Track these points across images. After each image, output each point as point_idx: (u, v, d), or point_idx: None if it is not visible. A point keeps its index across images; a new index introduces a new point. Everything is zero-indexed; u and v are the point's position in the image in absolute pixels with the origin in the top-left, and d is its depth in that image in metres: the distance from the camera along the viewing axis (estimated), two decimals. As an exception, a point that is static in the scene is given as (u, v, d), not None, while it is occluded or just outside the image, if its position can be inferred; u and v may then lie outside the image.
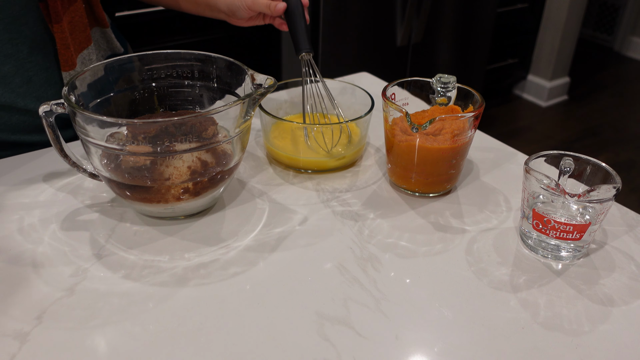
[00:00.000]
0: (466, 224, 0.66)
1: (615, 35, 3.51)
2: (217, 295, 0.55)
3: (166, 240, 0.62)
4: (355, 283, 0.57)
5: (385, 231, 0.65)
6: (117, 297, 0.55)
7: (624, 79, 3.24)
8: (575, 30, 2.70)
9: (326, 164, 0.75)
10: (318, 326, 0.52)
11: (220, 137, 0.62)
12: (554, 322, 0.53)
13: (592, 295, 0.57)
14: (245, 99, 0.59)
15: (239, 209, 0.68)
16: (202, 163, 0.62)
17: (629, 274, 0.59)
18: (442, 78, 0.71)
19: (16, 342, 0.50)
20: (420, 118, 0.69)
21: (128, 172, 0.61)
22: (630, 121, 2.76)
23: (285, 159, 0.75)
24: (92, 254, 0.60)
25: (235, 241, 0.63)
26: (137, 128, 0.59)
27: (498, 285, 0.57)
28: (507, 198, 0.71)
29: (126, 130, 0.61)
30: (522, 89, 2.92)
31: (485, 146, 0.83)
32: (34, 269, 0.58)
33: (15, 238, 0.62)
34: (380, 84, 1.02)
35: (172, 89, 0.71)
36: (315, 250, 0.62)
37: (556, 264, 0.60)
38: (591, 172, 0.62)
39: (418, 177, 0.69)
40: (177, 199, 0.62)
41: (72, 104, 0.58)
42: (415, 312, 0.54)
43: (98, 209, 0.67)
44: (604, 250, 0.63)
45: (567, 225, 0.58)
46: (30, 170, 0.74)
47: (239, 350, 0.50)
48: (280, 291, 0.56)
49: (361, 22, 1.90)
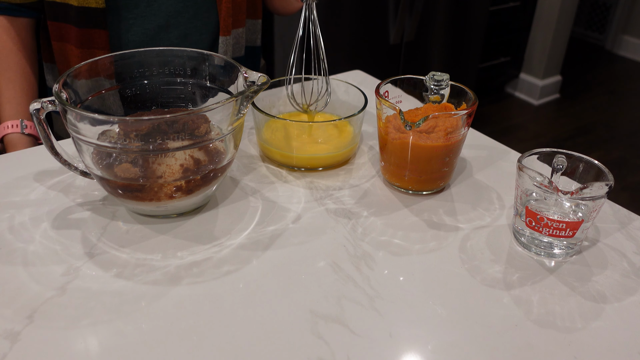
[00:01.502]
0: (459, 221, 0.67)
1: (607, 34, 3.53)
2: (210, 293, 0.55)
3: (158, 238, 0.62)
4: (349, 281, 0.57)
5: (378, 229, 0.65)
6: (109, 296, 0.54)
7: (616, 77, 3.26)
8: (567, 29, 2.71)
9: (319, 162, 0.75)
10: (312, 324, 0.52)
11: (213, 135, 0.61)
12: (546, 319, 0.53)
13: (584, 293, 0.57)
14: (238, 96, 0.59)
15: (232, 207, 0.68)
16: (195, 161, 0.61)
17: (621, 271, 0.60)
18: (435, 76, 0.71)
19: (7, 342, 0.49)
20: (413, 116, 0.69)
21: (120, 170, 0.61)
22: (621, 119, 2.78)
23: (279, 156, 0.75)
24: (84, 252, 0.60)
25: (228, 239, 0.62)
26: (129, 126, 0.58)
27: (491, 283, 0.58)
28: (500, 196, 0.71)
29: (118, 128, 0.61)
30: (514, 87, 2.93)
31: (478, 144, 0.83)
32: (25, 268, 0.57)
33: (6, 237, 0.61)
34: (373, 82, 1.02)
35: (164, 86, 0.71)
36: (308, 249, 0.61)
37: (549, 261, 0.61)
38: (584, 170, 0.62)
39: (411, 174, 0.69)
40: (169, 197, 0.61)
41: (63, 101, 0.57)
42: (409, 310, 0.54)
43: (89, 207, 0.67)
44: (596, 248, 0.63)
45: (560, 222, 0.58)
46: (21, 169, 0.73)
47: (232, 348, 0.50)
48: (274, 289, 0.56)
49: (354, 20, 1.90)
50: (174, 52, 0.69)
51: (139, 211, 0.65)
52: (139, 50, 0.68)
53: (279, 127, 0.77)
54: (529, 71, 2.84)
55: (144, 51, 0.68)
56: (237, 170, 0.75)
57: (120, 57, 0.68)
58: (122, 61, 0.68)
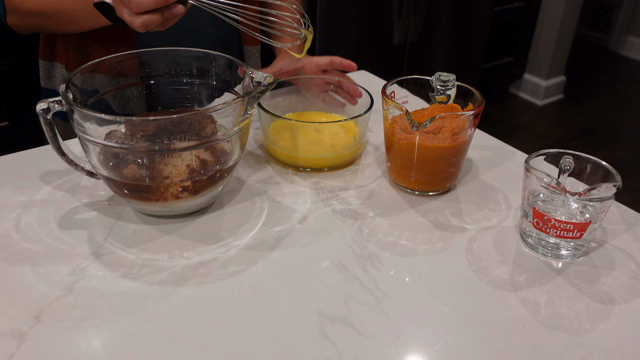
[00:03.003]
0: (466, 222, 0.66)
1: (611, 34, 3.52)
2: (217, 294, 0.55)
3: (165, 239, 0.62)
4: (356, 282, 0.57)
5: (385, 230, 0.65)
6: (116, 296, 0.54)
7: (620, 77, 3.25)
8: (571, 29, 2.71)
9: (325, 162, 0.75)
10: (319, 325, 0.52)
11: (219, 135, 0.61)
12: (554, 321, 0.53)
13: (592, 294, 0.56)
14: (244, 96, 0.59)
15: (238, 208, 0.67)
16: (201, 161, 0.61)
17: (629, 273, 0.59)
18: (441, 76, 0.70)
19: (14, 342, 0.49)
20: (420, 116, 0.69)
21: (126, 171, 0.60)
22: (625, 120, 2.77)
23: (284, 157, 0.75)
24: (90, 252, 0.59)
25: (235, 240, 0.62)
26: (136, 126, 0.58)
27: (498, 284, 0.57)
28: (506, 196, 0.71)
29: (124, 128, 0.61)
30: (518, 87, 2.93)
31: (484, 145, 0.83)
32: (32, 268, 0.57)
33: (13, 237, 0.61)
34: (378, 82, 1.02)
35: (170, 86, 0.71)
36: (315, 249, 0.61)
37: (556, 263, 0.60)
38: (591, 171, 0.61)
39: (418, 175, 0.69)
40: (175, 197, 0.61)
41: (70, 101, 0.57)
42: (416, 311, 0.54)
43: (96, 207, 0.66)
44: (603, 249, 0.63)
45: (568, 223, 0.58)
46: (27, 169, 0.73)
47: (238, 349, 0.49)
48: (280, 290, 0.56)
49: (358, 20, 1.90)
50: (180, 52, 0.69)
51: (146, 211, 0.65)
52: (145, 51, 0.68)
53: (285, 127, 0.76)
54: (533, 71, 2.83)
55: (151, 51, 0.68)
56: (243, 171, 0.75)
57: (127, 58, 0.68)
58: (129, 61, 0.68)
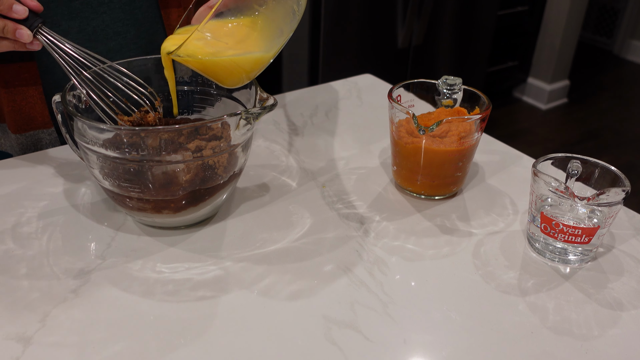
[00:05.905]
0: (473, 226, 0.66)
1: (615, 39, 3.51)
2: (222, 300, 0.55)
3: (168, 250, 0.61)
4: (362, 286, 0.57)
5: (391, 234, 0.64)
6: (117, 308, 0.54)
7: (624, 81, 3.25)
8: (575, 33, 2.70)
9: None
10: (325, 330, 0.51)
11: (222, 146, 0.60)
12: (563, 327, 0.53)
13: (601, 300, 0.56)
14: (249, 116, 0.57)
15: (242, 217, 0.67)
16: (203, 171, 0.60)
17: (638, 278, 0.59)
18: (448, 80, 0.70)
19: (19, 345, 0.49)
20: (426, 120, 0.69)
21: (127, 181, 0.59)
22: (629, 124, 2.76)
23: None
24: (94, 257, 0.59)
25: (239, 248, 0.62)
26: (136, 135, 0.57)
27: (506, 289, 0.57)
28: (513, 201, 0.71)
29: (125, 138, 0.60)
30: (522, 91, 2.92)
31: (490, 149, 0.83)
32: (35, 274, 0.57)
33: (16, 243, 0.61)
34: (383, 86, 1.01)
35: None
36: (321, 253, 0.61)
37: (564, 268, 0.60)
38: (599, 175, 0.61)
39: (424, 179, 0.69)
40: (177, 209, 0.61)
41: (70, 110, 0.57)
42: (423, 316, 0.54)
43: (98, 216, 0.66)
44: (611, 254, 0.62)
45: (576, 228, 0.57)
46: (29, 177, 0.73)
47: (245, 355, 0.49)
48: (286, 295, 0.55)
49: (362, 24, 1.90)
50: None
51: (147, 223, 0.64)
52: (145, 58, 0.67)
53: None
54: (537, 75, 2.83)
55: (151, 58, 0.67)
56: (247, 180, 0.75)
57: (127, 64, 0.66)
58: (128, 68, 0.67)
